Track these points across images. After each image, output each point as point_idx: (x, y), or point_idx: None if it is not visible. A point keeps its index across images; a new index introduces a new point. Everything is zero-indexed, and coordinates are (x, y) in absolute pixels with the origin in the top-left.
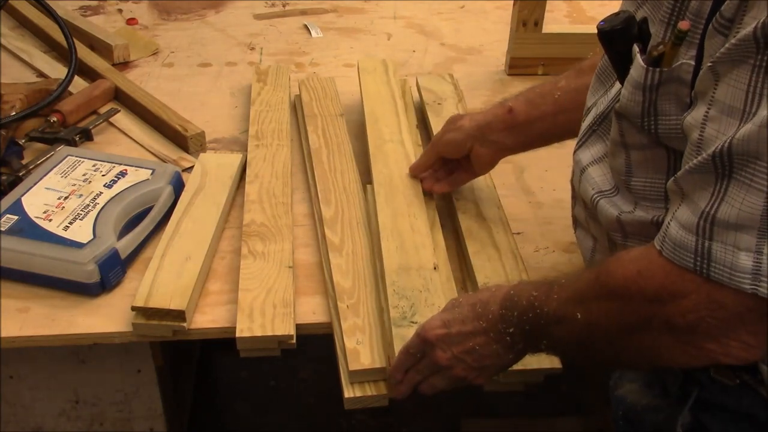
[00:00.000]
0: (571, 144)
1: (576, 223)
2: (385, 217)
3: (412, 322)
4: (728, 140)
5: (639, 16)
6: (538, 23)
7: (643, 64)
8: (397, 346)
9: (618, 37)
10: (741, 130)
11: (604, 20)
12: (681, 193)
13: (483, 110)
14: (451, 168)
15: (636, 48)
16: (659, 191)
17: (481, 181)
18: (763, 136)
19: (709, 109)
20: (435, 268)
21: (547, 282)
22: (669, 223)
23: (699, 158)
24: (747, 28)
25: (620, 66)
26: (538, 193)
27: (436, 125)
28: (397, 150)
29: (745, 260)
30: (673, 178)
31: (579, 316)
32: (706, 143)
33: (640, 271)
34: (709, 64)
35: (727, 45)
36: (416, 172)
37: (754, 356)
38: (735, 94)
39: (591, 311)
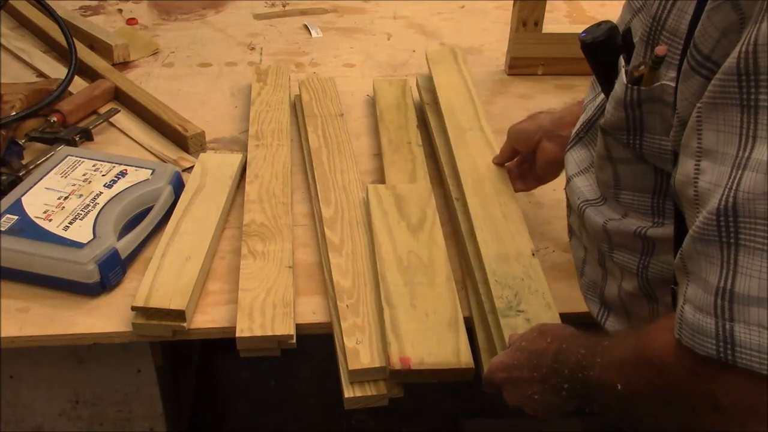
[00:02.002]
0: None
1: (571, 231)
2: (475, 206)
3: (519, 311)
4: (731, 195)
5: (632, 25)
6: (538, 23)
7: (624, 80)
8: (507, 337)
9: (601, 49)
10: (743, 181)
11: (585, 31)
12: (685, 270)
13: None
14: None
15: (622, 61)
16: (646, 206)
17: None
18: None
19: (698, 161)
20: (533, 254)
21: (594, 340)
22: (683, 307)
23: (701, 220)
24: (729, 60)
25: (604, 77)
26: (538, 193)
27: (436, 125)
28: (477, 137)
29: None
30: (679, 252)
31: (619, 387)
32: (702, 198)
33: (678, 348)
34: (698, 109)
35: (709, 89)
36: (496, 162)
37: None
38: (726, 139)
39: (630, 381)
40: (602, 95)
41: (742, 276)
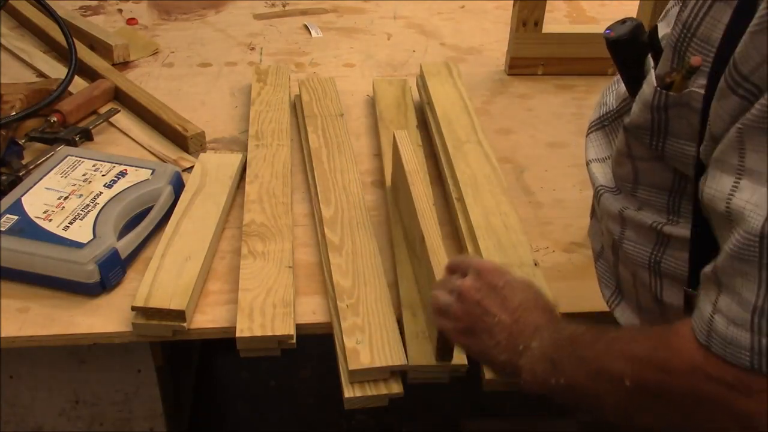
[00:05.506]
0: (571, 144)
1: (593, 212)
2: (477, 216)
3: None
4: None
5: (659, 23)
6: (538, 23)
7: (654, 83)
8: None
9: (626, 47)
10: None
11: (610, 28)
12: (718, 282)
13: None
14: None
15: (650, 62)
16: (662, 203)
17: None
18: None
19: (738, 179)
20: (536, 265)
21: (596, 327)
22: (712, 316)
23: (738, 238)
24: None
25: (629, 76)
26: (538, 193)
27: (436, 125)
28: (476, 150)
29: None
30: (712, 264)
31: (628, 384)
32: (737, 215)
33: (707, 356)
34: (739, 128)
35: (755, 110)
36: None
37: None
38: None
39: (640, 377)
40: (622, 85)
41: None
